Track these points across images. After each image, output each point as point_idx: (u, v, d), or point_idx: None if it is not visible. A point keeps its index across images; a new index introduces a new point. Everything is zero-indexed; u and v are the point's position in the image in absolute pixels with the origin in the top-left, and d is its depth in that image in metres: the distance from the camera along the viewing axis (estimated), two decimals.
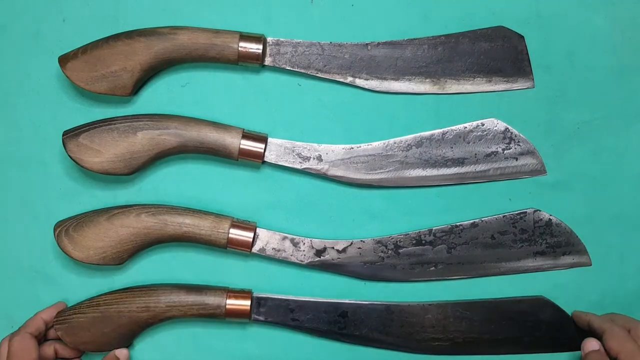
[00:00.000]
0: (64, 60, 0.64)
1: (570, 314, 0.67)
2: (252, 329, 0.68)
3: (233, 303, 0.65)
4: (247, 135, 0.65)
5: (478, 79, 0.68)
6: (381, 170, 0.67)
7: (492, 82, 0.68)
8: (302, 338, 0.68)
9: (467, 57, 0.68)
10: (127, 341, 0.65)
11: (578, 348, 0.65)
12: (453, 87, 0.68)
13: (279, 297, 0.66)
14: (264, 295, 0.66)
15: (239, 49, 0.64)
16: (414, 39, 0.68)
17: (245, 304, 0.65)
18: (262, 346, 0.68)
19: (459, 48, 0.68)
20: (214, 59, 0.65)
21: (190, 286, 0.66)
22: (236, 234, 0.65)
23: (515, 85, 0.68)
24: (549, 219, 0.67)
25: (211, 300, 0.64)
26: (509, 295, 0.68)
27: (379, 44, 0.68)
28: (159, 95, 0.68)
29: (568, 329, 0.67)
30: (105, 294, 0.65)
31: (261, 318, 0.66)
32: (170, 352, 0.68)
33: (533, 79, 0.68)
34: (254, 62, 0.66)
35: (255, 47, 0.65)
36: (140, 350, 0.68)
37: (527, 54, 0.68)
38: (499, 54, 0.68)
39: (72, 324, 0.64)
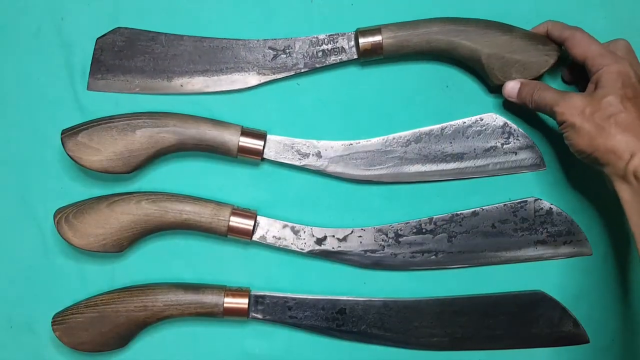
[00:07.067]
0: None
1: (569, 308, 0.66)
2: (250, 327, 0.67)
3: (231, 301, 0.64)
4: (246, 132, 0.65)
5: None
6: (380, 166, 0.67)
7: None
8: (301, 335, 0.67)
9: None
10: (126, 341, 0.65)
11: (576, 343, 0.65)
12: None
13: (277, 294, 0.66)
14: (261, 293, 0.66)
15: None
16: None
17: (243, 302, 0.64)
18: (261, 344, 0.67)
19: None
20: None
21: (187, 285, 0.65)
22: (237, 221, 0.64)
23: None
24: (550, 207, 0.66)
25: (209, 298, 0.64)
26: (509, 285, 0.67)
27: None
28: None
29: (566, 323, 0.66)
30: (103, 293, 0.65)
31: (259, 316, 0.65)
32: (169, 351, 0.67)
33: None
34: None
35: None
36: (138, 349, 0.67)
37: None
38: None
39: (70, 324, 0.63)
